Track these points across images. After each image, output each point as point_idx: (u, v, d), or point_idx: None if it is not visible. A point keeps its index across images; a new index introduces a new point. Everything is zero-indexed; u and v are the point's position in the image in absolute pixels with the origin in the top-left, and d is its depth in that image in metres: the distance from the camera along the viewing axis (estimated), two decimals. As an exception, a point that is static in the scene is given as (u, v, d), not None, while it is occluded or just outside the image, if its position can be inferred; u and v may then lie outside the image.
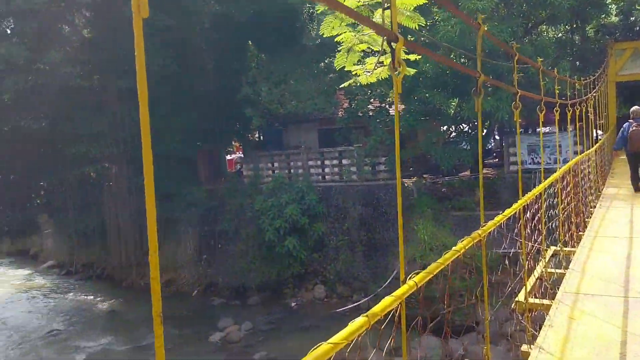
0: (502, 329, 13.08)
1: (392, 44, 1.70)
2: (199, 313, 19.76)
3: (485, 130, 22.09)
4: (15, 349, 17.38)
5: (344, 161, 20.84)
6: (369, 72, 3.98)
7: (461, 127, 21.49)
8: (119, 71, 20.37)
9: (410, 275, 1.85)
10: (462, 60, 17.86)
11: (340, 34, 3.48)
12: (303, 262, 19.45)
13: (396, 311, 1.77)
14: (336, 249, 19.62)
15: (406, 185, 19.85)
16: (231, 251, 21.43)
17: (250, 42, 22.98)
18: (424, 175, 21.18)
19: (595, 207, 8.84)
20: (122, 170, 21.80)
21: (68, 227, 22.61)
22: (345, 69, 3.78)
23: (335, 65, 3.73)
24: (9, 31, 20.66)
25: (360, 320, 1.46)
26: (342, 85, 5.11)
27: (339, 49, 3.63)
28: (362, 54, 3.78)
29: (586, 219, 7.81)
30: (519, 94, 3.58)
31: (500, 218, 2.95)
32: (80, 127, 20.35)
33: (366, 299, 17.01)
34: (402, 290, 1.70)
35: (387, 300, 1.63)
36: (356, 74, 4.08)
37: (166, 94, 21.62)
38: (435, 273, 1.94)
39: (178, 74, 21.37)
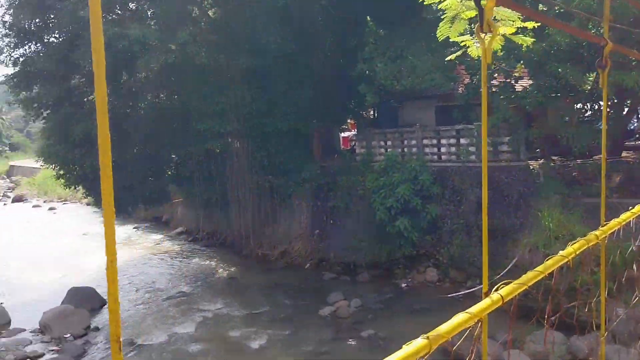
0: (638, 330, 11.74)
1: (481, 1, 1.37)
2: (311, 286, 20.21)
3: (626, 109, 19.78)
4: (144, 306, 19.07)
5: (462, 140, 19.80)
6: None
7: (598, 105, 19.41)
8: (242, 51, 21.10)
9: (497, 286, 1.53)
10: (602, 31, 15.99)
11: (444, 0, 3.09)
12: (415, 243, 18.99)
13: (477, 327, 1.46)
14: (451, 232, 18.88)
15: (532, 167, 18.46)
16: (342, 227, 21.56)
17: (368, 17, 22.55)
18: (553, 157, 19.53)
19: None
20: (243, 145, 22.73)
21: (194, 197, 24.18)
22: (450, 40, 3.39)
23: (437, 35, 3.34)
24: (142, 14, 22.24)
25: (420, 343, 1.19)
26: (449, 58, 4.67)
27: (442, 17, 3.24)
28: (469, 23, 3.35)
29: None
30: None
31: (627, 216, 2.45)
32: (206, 104, 21.48)
33: (481, 286, 16.21)
34: (482, 307, 1.39)
35: (461, 318, 1.34)
36: (464, 45, 3.65)
37: (283, 71, 22.04)
38: (530, 285, 1.59)
39: (295, 51, 21.64)
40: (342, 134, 29.91)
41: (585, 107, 19.69)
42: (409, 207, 18.59)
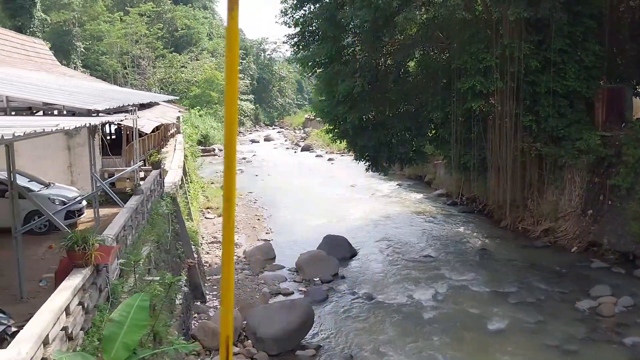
0: None
1: None
2: (573, 272, 17.74)
3: None
4: (390, 262, 19.43)
5: None
6: None
7: None
8: (516, 2, 18.80)
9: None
10: None
11: None
12: None
13: None
14: None
15: None
16: (623, 210, 18.10)
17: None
18: None
19: None
20: (508, 107, 20.67)
21: (452, 160, 23.28)
22: None
23: None
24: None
25: None
26: None
27: None
28: None
29: None
30: None
31: None
32: (469, 61, 20.14)
33: None
34: None
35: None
36: None
37: (564, 23, 19.01)
38: None
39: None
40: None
41: None
42: None
